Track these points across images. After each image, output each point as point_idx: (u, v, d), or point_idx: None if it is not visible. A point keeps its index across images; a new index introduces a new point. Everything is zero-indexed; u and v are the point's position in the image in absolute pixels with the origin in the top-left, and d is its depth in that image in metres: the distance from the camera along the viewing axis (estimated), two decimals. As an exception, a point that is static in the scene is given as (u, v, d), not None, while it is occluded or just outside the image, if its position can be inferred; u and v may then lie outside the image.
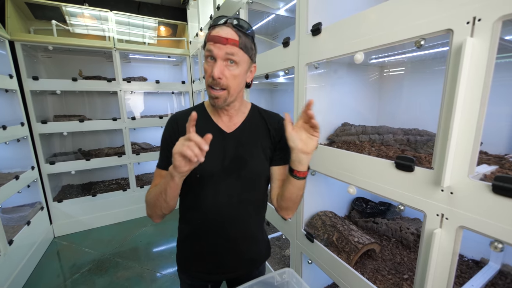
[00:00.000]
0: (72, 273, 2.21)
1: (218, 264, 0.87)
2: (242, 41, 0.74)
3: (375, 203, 1.47)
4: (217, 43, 0.71)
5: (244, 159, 0.82)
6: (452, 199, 0.66)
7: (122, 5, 3.20)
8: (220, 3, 2.01)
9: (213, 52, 0.72)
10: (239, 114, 0.88)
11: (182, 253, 0.93)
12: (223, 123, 0.86)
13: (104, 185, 3.20)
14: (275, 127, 0.89)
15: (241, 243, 0.87)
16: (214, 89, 0.75)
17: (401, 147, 1.01)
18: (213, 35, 0.72)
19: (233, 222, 0.84)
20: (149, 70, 3.46)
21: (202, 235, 0.86)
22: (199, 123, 0.80)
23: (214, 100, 0.77)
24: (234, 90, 0.77)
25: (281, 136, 0.88)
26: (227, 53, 0.72)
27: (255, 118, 0.90)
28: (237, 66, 0.75)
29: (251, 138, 0.86)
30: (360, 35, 0.86)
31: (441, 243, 0.69)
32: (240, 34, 0.74)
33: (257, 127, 0.88)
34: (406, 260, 1.09)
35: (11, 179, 2.11)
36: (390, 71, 1.34)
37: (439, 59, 1.09)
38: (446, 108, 0.64)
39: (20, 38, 2.37)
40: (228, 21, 0.74)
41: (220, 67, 0.72)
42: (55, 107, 2.98)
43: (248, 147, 0.84)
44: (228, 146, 0.83)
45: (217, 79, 0.72)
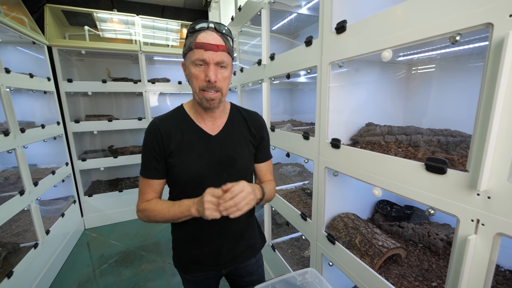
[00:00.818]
0: (100, 264, 2.35)
1: (216, 259, 0.93)
2: (228, 46, 0.79)
3: (401, 207, 1.41)
4: (209, 50, 0.75)
5: (232, 158, 0.87)
6: (489, 204, 0.62)
7: (147, 9, 3.34)
8: (241, 4, 2.04)
9: (206, 59, 0.75)
10: (222, 115, 0.92)
11: (179, 256, 0.97)
12: (206, 126, 0.88)
13: (130, 182, 3.37)
14: (255, 125, 0.95)
15: (235, 234, 0.94)
16: (209, 92, 0.79)
17: (430, 149, 0.97)
18: (203, 42, 0.75)
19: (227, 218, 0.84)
20: (172, 71, 3.58)
21: (197, 235, 0.90)
22: (182, 127, 0.87)
23: (209, 102, 0.80)
24: (225, 91, 0.83)
25: (263, 135, 0.97)
26: (219, 60, 0.76)
27: (237, 117, 0.94)
28: (226, 68, 0.81)
29: (235, 137, 0.91)
30: (389, 32, 0.83)
31: (476, 250, 0.65)
32: (224, 39, 0.78)
33: (240, 126, 0.93)
34: (434, 267, 1.03)
35: (48, 174, 2.29)
36: (419, 69, 1.28)
37: (476, 55, 1.03)
38: (484, 107, 0.60)
39: (57, 43, 2.56)
40: (210, 25, 0.77)
41: (215, 71, 0.76)
42: (86, 107, 3.19)
43: (234, 146, 0.89)
44: (215, 148, 0.87)
45: (213, 82, 0.76)
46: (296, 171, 2.30)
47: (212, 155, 0.86)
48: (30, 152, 2.18)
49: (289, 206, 1.63)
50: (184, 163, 0.84)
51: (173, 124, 0.87)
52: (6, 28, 1.85)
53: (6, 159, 2.39)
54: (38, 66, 2.42)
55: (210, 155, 0.86)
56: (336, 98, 1.18)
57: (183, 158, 0.84)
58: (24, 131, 1.92)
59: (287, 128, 1.79)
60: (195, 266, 0.93)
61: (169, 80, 3.28)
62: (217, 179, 0.84)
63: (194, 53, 0.76)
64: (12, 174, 2.22)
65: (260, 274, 1.07)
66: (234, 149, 0.89)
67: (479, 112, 0.62)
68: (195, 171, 0.84)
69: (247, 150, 0.92)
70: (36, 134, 2.13)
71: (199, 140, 0.86)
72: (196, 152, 0.85)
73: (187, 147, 0.85)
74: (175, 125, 0.87)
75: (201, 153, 0.85)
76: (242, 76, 2.22)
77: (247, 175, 0.95)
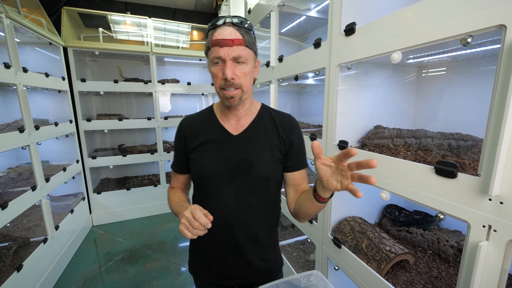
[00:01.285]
0: (107, 260, 2.38)
1: (227, 269, 0.86)
2: (246, 39, 0.73)
3: (409, 212, 1.39)
4: (224, 46, 0.71)
5: (250, 161, 0.80)
6: (501, 209, 0.60)
7: (159, 11, 3.42)
8: (251, 7, 2.06)
9: (221, 56, 0.71)
10: (248, 115, 0.86)
11: (192, 258, 0.94)
12: (230, 126, 0.84)
13: (138, 180, 3.41)
14: (286, 129, 0.85)
15: (250, 250, 0.84)
16: (228, 90, 0.75)
17: (441, 152, 0.95)
18: (217, 39, 0.71)
19: (241, 226, 0.81)
20: (182, 72, 3.64)
21: (210, 239, 0.83)
22: (206, 126, 0.86)
23: (229, 100, 0.76)
24: (246, 87, 0.77)
25: (293, 140, 0.84)
26: (235, 55, 0.72)
27: (265, 119, 0.86)
28: (246, 63, 0.75)
29: (258, 140, 0.83)
30: (398, 34, 0.83)
31: (488, 257, 0.63)
32: (242, 32, 0.73)
33: (266, 129, 0.84)
34: (444, 274, 1.01)
35: (59, 171, 2.35)
36: (429, 72, 1.26)
37: (488, 58, 1.01)
38: (497, 110, 0.59)
39: (72, 44, 2.64)
40: (227, 20, 0.73)
41: (231, 68, 0.72)
42: (98, 106, 3.27)
43: (255, 150, 0.81)
44: (234, 149, 0.81)
45: (231, 80, 0.72)
46: (303, 174, 2.29)
47: (229, 156, 0.81)
48: (43, 149, 2.25)
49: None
50: (199, 161, 0.82)
51: (199, 123, 0.87)
52: (25, 29, 1.92)
53: (20, 155, 2.47)
54: (53, 66, 2.50)
55: (227, 156, 0.80)
56: (344, 100, 1.17)
57: (200, 156, 0.82)
58: (39, 128, 1.98)
59: (294, 130, 1.78)
60: (207, 273, 0.90)
61: (178, 81, 3.33)
62: (232, 182, 0.80)
63: (211, 51, 0.74)
64: (25, 170, 2.29)
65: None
66: (255, 152, 0.81)
67: (491, 115, 0.60)
68: (208, 170, 0.81)
69: (271, 155, 0.82)
70: (49, 132, 2.20)
71: (218, 139, 0.83)
72: (213, 151, 0.82)
73: (205, 146, 0.83)
74: (200, 124, 0.87)
75: (217, 153, 0.81)
76: (250, 78, 2.23)
77: (269, 184, 0.83)
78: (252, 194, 0.81)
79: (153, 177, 3.55)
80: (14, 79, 1.75)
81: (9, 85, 1.75)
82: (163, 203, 3.32)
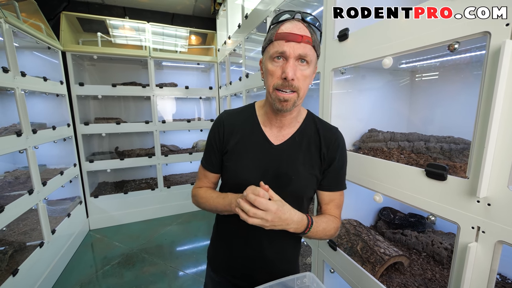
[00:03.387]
0: (103, 265, 2.37)
1: (246, 275, 0.84)
2: (314, 38, 0.67)
3: (404, 214, 1.40)
4: (291, 41, 0.64)
5: (288, 176, 0.75)
6: (489, 211, 0.62)
7: (158, 16, 3.45)
8: (248, 12, 2.09)
9: (286, 52, 0.64)
10: (293, 123, 0.79)
11: (213, 252, 0.92)
12: (271, 133, 0.79)
13: (135, 184, 3.41)
14: (329, 145, 0.78)
15: (274, 262, 0.82)
16: (283, 91, 0.67)
17: (433, 155, 0.96)
18: (285, 32, 0.64)
19: (268, 239, 0.80)
20: (180, 76, 3.66)
21: (236, 244, 0.82)
22: (246, 127, 0.80)
23: (282, 104, 0.69)
24: (303, 93, 0.70)
25: (335, 157, 0.78)
26: (301, 53, 0.65)
27: (309, 130, 0.80)
28: (308, 65, 0.68)
29: (300, 153, 0.77)
30: (389, 39, 0.85)
31: (477, 258, 0.64)
32: (311, 31, 0.67)
33: (309, 142, 0.78)
34: (438, 276, 1.02)
35: (56, 174, 2.35)
36: (422, 76, 1.28)
37: (477, 63, 1.03)
38: (483, 113, 0.60)
39: (70, 49, 2.66)
40: (296, 15, 0.67)
41: (293, 67, 0.65)
42: (96, 110, 3.27)
43: (294, 163, 0.76)
44: (273, 160, 0.76)
45: (291, 80, 0.65)
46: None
47: (267, 167, 0.76)
48: (40, 152, 2.25)
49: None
50: (235, 168, 0.78)
51: (239, 121, 0.81)
52: (24, 34, 1.94)
53: (17, 159, 2.47)
54: (52, 70, 2.52)
55: (264, 167, 0.76)
56: (338, 104, 1.19)
57: (236, 161, 0.78)
58: (36, 132, 1.98)
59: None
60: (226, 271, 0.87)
61: (176, 85, 3.35)
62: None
63: (273, 45, 0.67)
64: (22, 174, 2.28)
65: None
66: (294, 167, 0.76)
67: (478, 118, 0.62)
68: (244, 180, 0.75)
69: (309, 172, 0.77)
70: (47, 135, 2.20)
71: (258, 146, 0.77)
72: (251, 159, 0.77)
73: (243, 151, 0.78)
74: (240, 123, 0.81)
75: (255, 162, 0.76)
76: (248, 82, 2.25)
77: (303, 201, 0.80)
78: None
79: (151, 180, 3.55)
80: (12, 83, 1.76)
81: (7, 89, 1.76)
82: (161, 207, 3.32)
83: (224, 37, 3.00)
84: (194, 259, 2.42)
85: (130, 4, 3.26)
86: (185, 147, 3.77)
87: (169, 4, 3.29)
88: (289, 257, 0.86)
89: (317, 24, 0.69)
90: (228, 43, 2.84)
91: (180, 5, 3.33)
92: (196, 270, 2.28)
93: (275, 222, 0.63)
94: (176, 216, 3.38)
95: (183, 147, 3.72)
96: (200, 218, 3.32)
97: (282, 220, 0.63)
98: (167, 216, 3.36)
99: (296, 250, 0.89)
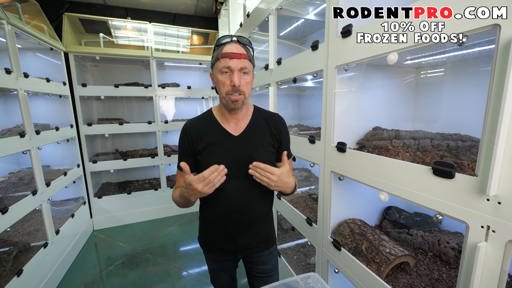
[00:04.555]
0: (107, 265, 2.37)
1: (236, 245, 1.03)
2: (249, 54, 0.91)
3: (410, 214, 1.37)
4: (233, 58, 0.86)
5: (251, 156, 0.94)
6: (499, 209, 0.60)
7: (160, 16, 3.45)
8: (249, 10, 2.08)
9: (231, 66, 0.86)
10: (245, 118, 1.01)
11: (202, 237, 1.11)
12: (230, 127, 0.98)
13: (138, 184, 3.42)
14: (276, 126, 1.02)
15: (254, 224, 1.02)
16: (233, 95, 0.89)
17: (439, 153, 0.94)
18: (228, 52, 0.86)
19: (246, 208, 0.98)
20: (182, 76, 3.66)
21: (220, 222, 1.00)
22: (210, 129, 0.99)
23: (234, 103, 0.90)
24: (248, 94, 0.93)
25: (282, 136, 1.03)
26: (242, 67, 0.87)
27: (258, 119, 1.02)
28: (248, 74, 0.91)
29: (256, 138, 0.99)
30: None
31: (487, 258, 0.63)
32: (246, 49, 0.90)
33: (261, 128, 1.01)
34: (445, 276, 0.99)
35: (60, 175, 2.36)
36: (428, 73, 1.26)
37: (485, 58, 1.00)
38: (493, 108, 0.59)
39: (73, 50, 2.67)
40: (233, 39, 0.90)
41: (238, 77, 0.87)
42: (98, 111, 3.28)
43: (254, 146, 0.97)
44: (236, 147, 0.96)
45: (237, 86, 0.87)
46: (303, 176, 2.28)
47: (233, 154, 0.95)
48: (44, 153, 2.26)
49: (295, 211, 1.61)
50: (209, 161, 0.92)
51: (202, 126, 1.00)
52: (26, 35, 1.95)
53: (21, 160, 2.48)
54: (54, 71, 2.53)
55: (232, 154, 0.95)
56: (342, 102, 1.18)
57: (209, 156, 0.96)
58: (39, 133, 1.99)
59: (293, 132, 1.79)
60: (214, 248, 1.06)
61: (178, 85, 3.35)
62: (238, 173, 0.94)
63: (220, 62, 0.88)
64: (26, 175, 2.29)
65: (273, 264, 1.16)
66: (254, 148, 0.97)
67: (487, 114, 0.60)
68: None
69: (266, 150, 0.99)
70: (50, 136, 2.21)
71: (223, 140, 0.97)
72: (220, 151, 0.96)
73: (212, 147, 0.96)
74: (204, 127, 1.00)
75: (224, 152, 0.96)
76: (250, 81, 2.24)
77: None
78: (253, 182, 0.92)
79: (154, 181, 3.56)
80: (15, 85, 1.77)
81: (10, 90, 1.77)
82: (164, 207, 3.32)
83: (226, 37, 2.98)
84: (198, 259, 2.41)
85: (132, 5, 3.26)
86: (188, 147, 3.77)
87: (171, 4, 3.29)
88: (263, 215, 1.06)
89: (248, 43, 0.93)
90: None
91: (182, 5, 3.33)
92: (200, 270, 2.28)
93: (278, 183, 0.88)
94: (179, 216, 3.38)
95: (185, 147, 3.72)
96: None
97: (284, 182, 0.89)
98: (170, 216, 3.36)
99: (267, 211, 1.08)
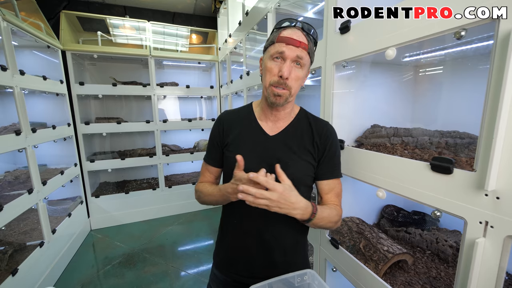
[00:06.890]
0: (104, 265, 2.36)
1: (250, 267, 0.86)
2: (310, 46, 0.76)
3: (408, 212, 1.37)
4: (290, 44, 0.73)
5: (284, 163, 0.77)
6: (498, 204, 0.59)
7: (159, 15, 3.44)
8: (248, 9, 2.07)
9: (285, 53, 0.73)
10: (287, 118, 0.87)
11: (217, 248, 0.97)
12: (267, 126, 0.86)
13: (136, 184, 3.40)
14: (321, 135, 0.84)
15: (274, 252, 0.84)
16: (278, 87, 0.76)
17: (438, 150, 0.94)
18: (286, 36, 0.74)
19: (269, 227, 0.82)
20: (181, 75, 3.65)
21: (237, 236, 0.86)
22: (244, 123, 0.89)
23: (276, 98, 0.77)
24: (294, 91, 0.79)
25: (326, 146, 0.83)
26: (298, 55, 0.74)
27: (301, 123, 0.87)
28: (302, 68, 0.77)
29: (294, 142, 0.83)
30: (392, 30, 0.83)
31: (485, 254, 0.62)
32: (308, 39, 0.76)
33: (302, 132, 0.85)
34: (443, 275, 0.99)
35: (57, 174, 2.34)
36: (426, 70, 1.26)
37: (483, 55, 1.00)
38: (492, 103, 0.58)
39: (70, 48, 2.66)
40: (297, 24, 0.76)
41: (289, 68, 0.74)
42: (96, 109, 3.27)
43: (290, 152, 0.82)
44: (269, 148, 0.82)
45: (285, 79, 0.74)
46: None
47: (264, 155, 0.82)
48: (40, 152, 2.24)
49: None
50: (233, 159, 0.79)
51: (237, 118, 0.90)
52: (23, 32, 1.93)
53: (18, 159, 2.46)
54: (52, 69, 2.51)
55: (262, 155, 0.82)
56: (340, 99, 1.17)
57: (236, 151, 0.81)
58: (36, 131, 1.97)
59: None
60: (227, 266, 0.90)
61: (177, 84, 3.34)
62: None
63: (274, 46, 0.75)
64: (23, 174, 2.27)
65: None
66: (289, 154, 0.82)
67: (486, 108, 0.60)
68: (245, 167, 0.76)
69: (303, 158, 0.82)
70: (46, 135, 2.19)
71: (255, 137, 0.85)
72: (249, 148, 0.83)
73: (242, 142, 0.85)
74: (238, 120, 0.89)
75: (253, 151, 0.82)
76: (248, 80, 2.23)
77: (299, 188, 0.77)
78: None
79: (152, 180, 3.54)
80: (10, 82, 1.75)
81: (5, 87, 1.75)
82: (162, 207, 3.31)
83: (225, 36, 2.98)
84: (196, 259, 2.40)
85: (131, 3, 3.25)
86: (187, 146, 3.76)
87: (170, 3, 3.28)
88: (290, 247, 0.86)
89: (312, 31, 0.77)
90: (229, 42, 2.82)
91: (181, 4, 3.32)
92: (198, 270, 2.26)
93: (280, 204, 0.65)
94: (178, 216, 3.37)
95: (184, 147, 3.71)
96: (202, 218, 3.30)
97: (288, 203, 0.66)
98: (168, 216, 3.34)
99: (298, 242, 0.89)
